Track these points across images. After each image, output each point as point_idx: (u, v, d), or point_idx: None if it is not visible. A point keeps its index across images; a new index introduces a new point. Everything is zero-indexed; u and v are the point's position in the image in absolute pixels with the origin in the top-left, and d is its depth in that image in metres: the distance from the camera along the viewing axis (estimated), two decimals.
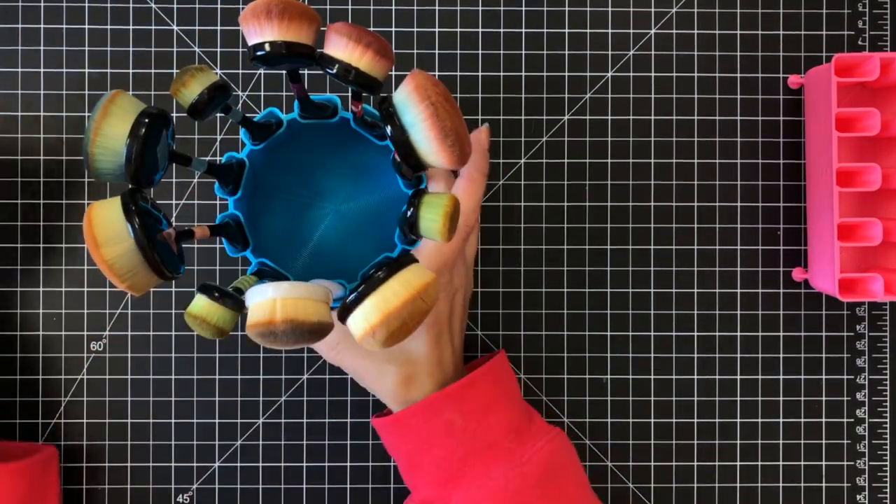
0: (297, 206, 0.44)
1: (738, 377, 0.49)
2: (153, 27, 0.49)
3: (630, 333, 0.49)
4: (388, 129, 0.32)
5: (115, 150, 0.31)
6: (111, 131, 0.31)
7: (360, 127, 0.39)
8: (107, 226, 0.30)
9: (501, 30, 0.49)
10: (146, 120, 0.32)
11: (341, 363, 0.43)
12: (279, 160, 0.42)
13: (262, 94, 0.49)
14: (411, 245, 0.40)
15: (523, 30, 0.49)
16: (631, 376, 0.49)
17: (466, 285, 0.45)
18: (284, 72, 0.37)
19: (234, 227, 0.39)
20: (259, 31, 0.32)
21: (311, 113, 0.40)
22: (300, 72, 0.36)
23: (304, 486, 0.48)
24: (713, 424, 0.49)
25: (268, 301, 0.29)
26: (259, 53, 0.32)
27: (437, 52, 0.49)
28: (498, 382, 0.42)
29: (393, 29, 0.49)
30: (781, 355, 0.49)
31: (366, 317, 0.30)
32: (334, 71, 0.33)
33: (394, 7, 0.49)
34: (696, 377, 0.49)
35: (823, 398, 0.49)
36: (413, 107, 0.32)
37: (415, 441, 0.41)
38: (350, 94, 0.37)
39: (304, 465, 0.48)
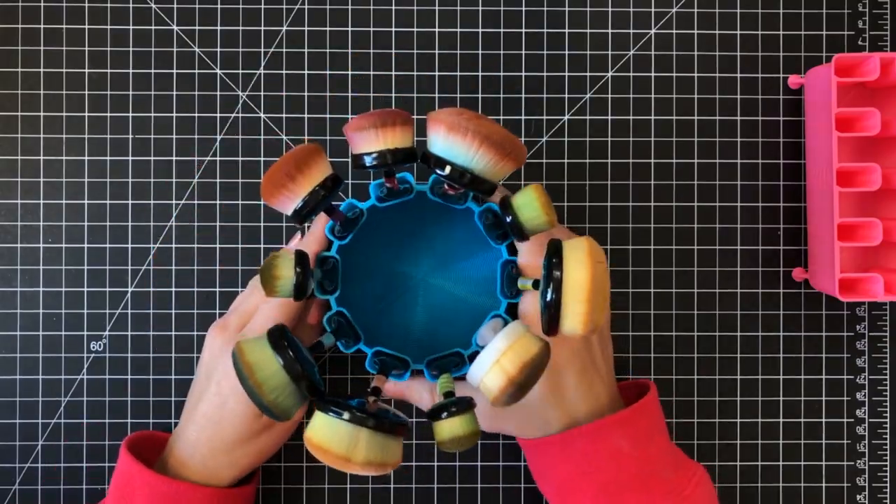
0: (391, 288, 0.44)
1: (738, 377, 0.49)
2: (153, 27, 0.49)
3: (630, 333, 0.49)
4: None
5: (279, 380, 0.32)
6: (265, 368, 0.32)
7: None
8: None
9: (501, 30, 0.49)
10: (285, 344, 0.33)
11: (503, 426, 0.42)
12: (366, 248, 0.43)
13: (262, 94, 0.49)
14: (514, 298, 0.40)
15: (523, 30, 0.49)
16: (631, 376, 0.49)
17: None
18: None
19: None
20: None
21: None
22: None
23: (304, 486, 0.48)
24: (713, 424, 0.49)
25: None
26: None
27: (436, 52, 0.49)
28: (658, 413, 0.42)
29: (393, 29, 0.49)
30: (781, 355, 0.49)
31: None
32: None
33: (394, 7, 0.49)
34: (696, 377, 0.49)
35: (823, 398, 0.49)
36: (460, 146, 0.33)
37: (578, 463, 0.40)
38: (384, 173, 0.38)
39: (304, 465, 0.48)
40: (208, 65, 0.49)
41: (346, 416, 0.31)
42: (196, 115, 0.48)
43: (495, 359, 0.32)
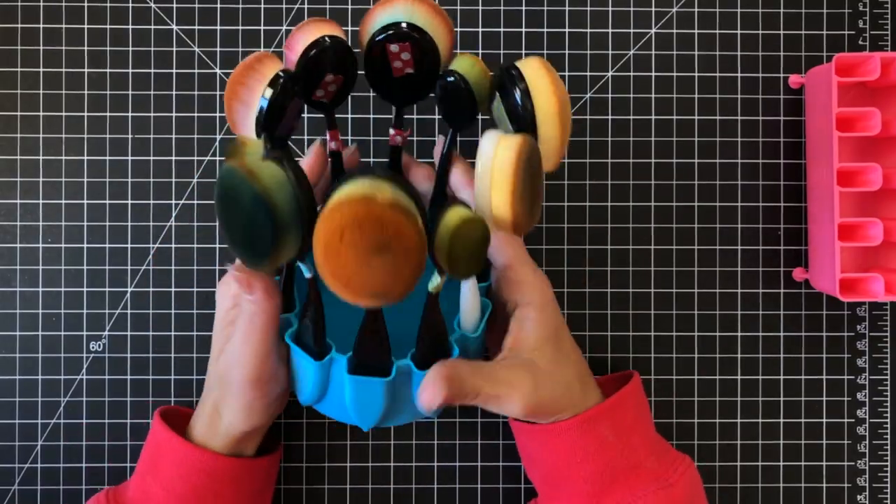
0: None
1: (739, 377, 0.49)
2: (152, 27, 0.49)
3: (630, 333, 0.49)
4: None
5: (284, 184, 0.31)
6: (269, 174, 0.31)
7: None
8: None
9: (501, 30, 0.49)
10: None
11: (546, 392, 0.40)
12: None
13: None
14: (483, 281, 0.40)
15: (523, 30, 0.49)
16: None
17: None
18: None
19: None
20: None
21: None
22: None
23: (304, 486, 0.48)
24: (713, 424, 0.49)
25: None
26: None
27: None
28: (641, 402, 0.43)
29: None
30: (782, 355, 0.49)
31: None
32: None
33: None
34: (696, 377, 0.49)
35: (824, 398, 0.49)
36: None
37: (567, 453, 0.40)
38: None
39: (304, 465, 0.48)
40: (208, 64, 0.49)
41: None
42: (196, 114, 0.48)
43: (491, 157, 0.31)
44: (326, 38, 0.36)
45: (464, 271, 0.32)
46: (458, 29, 0.49)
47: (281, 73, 0.34)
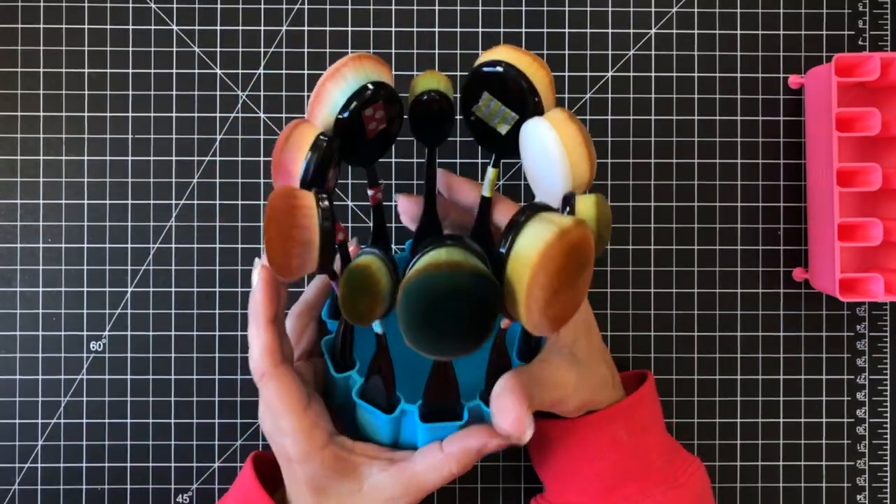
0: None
1: (739, 377, 0.49)
2: (153, 27, 0.49)
3: (630, 333, 0.49)
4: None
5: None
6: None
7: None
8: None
9: (501, 30, 0.49)
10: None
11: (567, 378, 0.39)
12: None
13: (262, 93, 0.49)
14: (527, 359, 0.38)
15: (523, 30, 0.49)
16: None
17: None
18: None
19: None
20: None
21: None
22: None
23: None
24: (713, 424, 0.49)
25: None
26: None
27: (437, 52, 0.49)
28: (655, 404, 0.43)
29: (393, 29, 0.49)
30: (782, 355, 0.49)
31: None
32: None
33: (394, 7, 0.49)
34: (696, 377, 0.49)
35: (824, 398, 0.49)
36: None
37: (579, 450, 0.40)
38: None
39: None
40: (208, 65, 0.49)
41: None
42: (196, 115, 0.48)
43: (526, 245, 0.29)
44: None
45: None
46: (459, 29, 0.49)
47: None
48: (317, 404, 0.38)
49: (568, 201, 0.32)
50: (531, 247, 0.28)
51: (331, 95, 0.35)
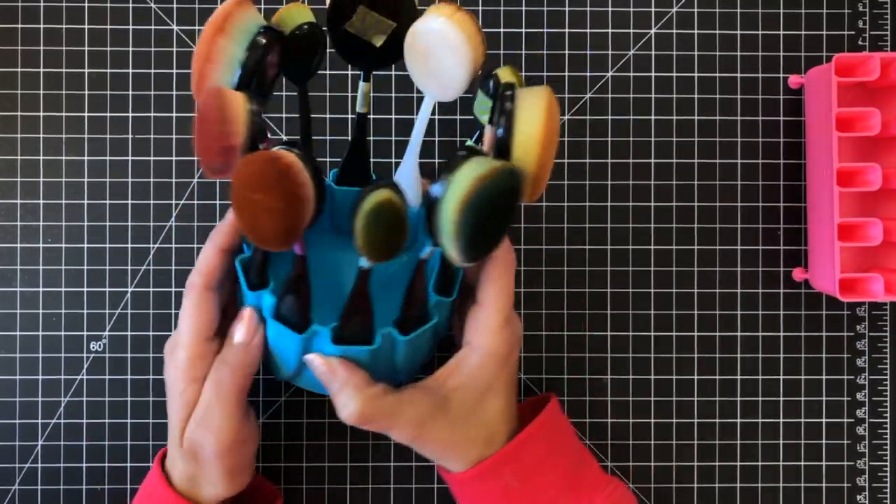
0: (329, 259, 0.43)
1: (738, 377, 0.49)
2: (153, 27, 0.49)
3: (630, 333, 0.49)
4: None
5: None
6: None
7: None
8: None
9: (501, 30, 0.49)
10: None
11: (424, 446, 0.38)
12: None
13: None
14: (448, 297, 0.39)
15: (523, 30, 0.49)
16: (631, 376, 0.49)
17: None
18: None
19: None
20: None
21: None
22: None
23: (304, 486, 0.48)
24: (713, 424, 0.49)
25: None
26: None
27: None
28: (551, 436, 0.40)
29: None
30: (781, 355, 0.49)
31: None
32: None
33: None
34: (696, 377, 0.49)
35: (823, 398, 0.49)
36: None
37: (471, 502, 0.39)
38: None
39: (304, 465, 0.48)
40: None
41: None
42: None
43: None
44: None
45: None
46: None
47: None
48: (216, 346, 0.39)
49: (495, 81, 0.35)
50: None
51: (226, 51, 0.35)
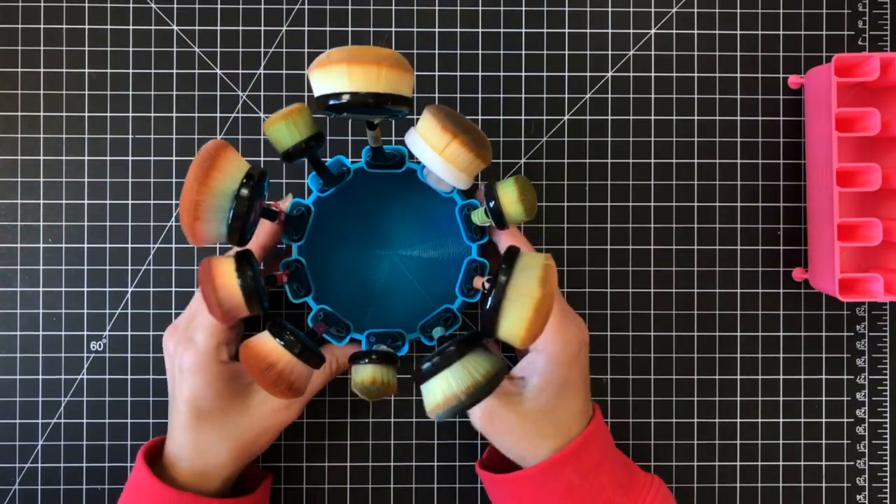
0: (359, 253, 0.45)
1: (738, 377, 0.49)
2: (153, 27, 0.49)
3: (630, 333, 0.49)
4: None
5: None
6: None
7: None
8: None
9: (501, 30, 0.49)
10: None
11: (495, 436, 0.41)
12: (344, 207, 0.43)
13: (262, 94, 0.49)
14: (471, 298, 0.42)
15: (523, 30, 0.49)
16: (631, 376, 0.49)
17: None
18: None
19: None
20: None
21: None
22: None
23: (304, 486, 0.48)
24: (713, 424, 0.49)
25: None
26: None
27: (436, 52, 0.49)
28: (605, 438, 0.42)
29: (393, 29, 0.49)
30: (781, 355, 0.49)
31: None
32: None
33: (394, 7, 0.49)
34: (696, 377, 0.49)
35: (823, 398, 0.49)
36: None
37: (532, 500, 0.40)
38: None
39: (304, 465, 0.48)
40: (208, 65, 0.49)
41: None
42: (196, 115, 0.49)
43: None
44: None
45: None
46: (459, 29, 0.49)
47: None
48: (237, 331, 0.42)
49: (490, 191, 0.37)
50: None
51: (211, 207, 0.34)
